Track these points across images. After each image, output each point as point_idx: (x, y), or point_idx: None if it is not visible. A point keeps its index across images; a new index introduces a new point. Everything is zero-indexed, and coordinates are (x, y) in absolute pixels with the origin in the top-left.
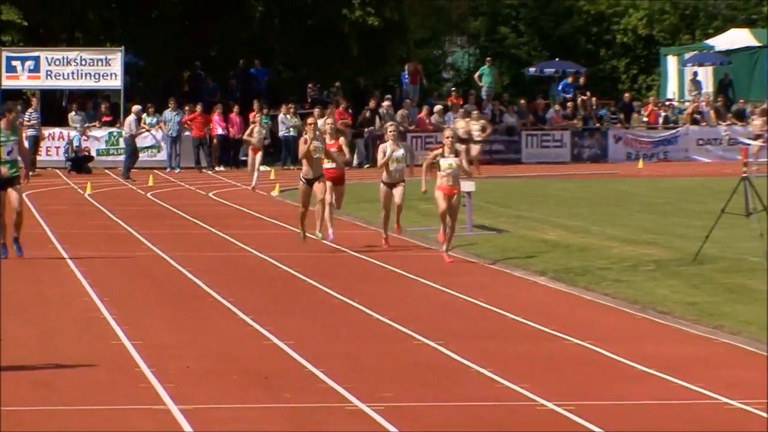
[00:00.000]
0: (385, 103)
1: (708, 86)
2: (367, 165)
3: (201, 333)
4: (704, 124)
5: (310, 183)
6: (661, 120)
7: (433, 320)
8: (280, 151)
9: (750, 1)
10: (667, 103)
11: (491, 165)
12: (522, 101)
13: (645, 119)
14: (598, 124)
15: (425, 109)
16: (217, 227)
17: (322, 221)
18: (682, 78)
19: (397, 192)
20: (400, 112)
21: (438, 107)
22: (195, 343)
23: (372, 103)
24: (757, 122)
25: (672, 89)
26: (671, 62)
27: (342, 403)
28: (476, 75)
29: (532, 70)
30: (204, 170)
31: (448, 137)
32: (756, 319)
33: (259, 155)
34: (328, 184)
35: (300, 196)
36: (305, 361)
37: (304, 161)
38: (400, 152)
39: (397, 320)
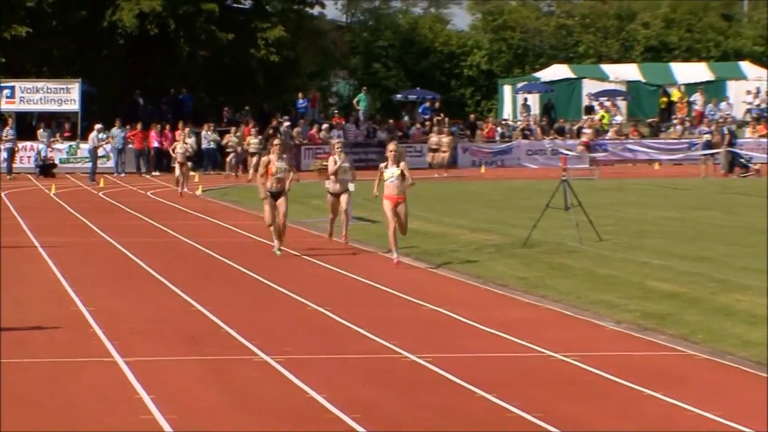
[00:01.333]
0: (285, 123)
1: (535, 109)
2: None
3: (141, 301)
4: (532, 138)
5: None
6: (498, 135)
7: (323, 292)
8: (202, 160)
9: (568, 41)
10: (503, 122)
11: (366, 170)
12: (390, 121)
13: (485, 134)
14: (451, 137)
15: (315, 127)
16: (154, 219)
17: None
18: (515, 102)
19: (343, 198)
20: (296, 129)
21: (325, 125)
22: (136, 309)
23: (274, 122)
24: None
25: (507, 111)
26: (507, 90)
27: (251, 356)
28: (355, 101)
29: (398, 96)
30: (143, 175)
31: (391, 150)
32: (573, 290)
33: (183, 167)
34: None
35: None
36: (222, 323)
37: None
38: (347, 164)
39: (295, 291)
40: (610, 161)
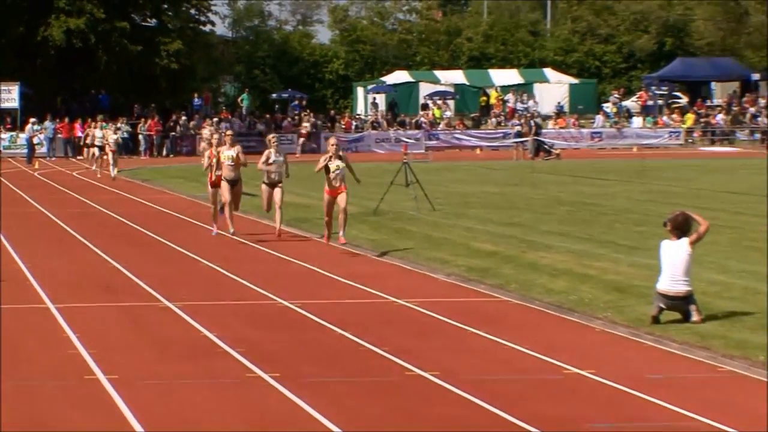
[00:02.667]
0: (183, 118)
1: (382, 106)
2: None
3: (69, 260)
4: (380, 129)
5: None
6: (353, 127)
7: (214, 252)
8: (119, 147)
9: (408, 52)
10: (357, 116)
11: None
12: (267, 115)
13: (343, 126)
14: (315, 129)
15: (207, 120)
16: (78, 193)
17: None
18: (366, 101)
19: (277, 192)
20: (192, 122)
21: (215, 119)
22: (65, 266)
23: (174, 117)
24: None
25: (360, 108)
26: (359, 91)
27: (156, 303)
28: (239, 99)
29: (274, 95)
30: (70, 159)
31: (333, 144)
32: (412, 249)
33: (96, 151)
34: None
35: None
36: (133, 276)
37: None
38: (281, 158)
39: (191, 251)
40: (441, 147)
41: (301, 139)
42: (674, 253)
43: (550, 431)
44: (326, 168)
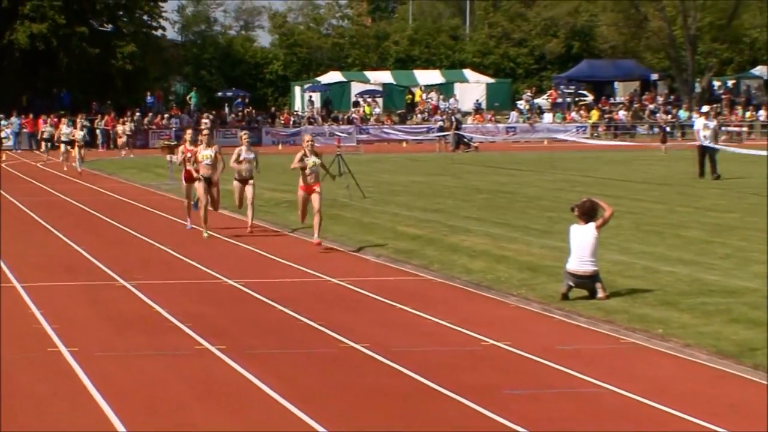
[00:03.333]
0: (137, 114)
1: (317, 103)
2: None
3: (34, 243)
4: (315, 124)
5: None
6: (291, 122)
7: (166, 236)
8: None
9: (341, 54)
10: (295, 113)
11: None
12: (213, 111)
13: (282, 121)
14: (256, 124)
15: (159, 116)
16: (41, 183)
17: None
18: (303, 99)
19: (248, 189)
20: (146, 119)
21: (167, 115)
22: (30, 248)
23: (128, 113)
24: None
25: (297, 105)
26: (297, 90)
27: (113, 282)
28: (188, 97)
29: (219, 93)
30: (35, 152)
31: (307, 141)
32: (345, 233)
33: (66, 147)
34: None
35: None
36: (92, 258)
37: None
38: (251, 155)
39: (145, 235)
40: (371, 141)
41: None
42: (582, 237)
43: (471, 398)
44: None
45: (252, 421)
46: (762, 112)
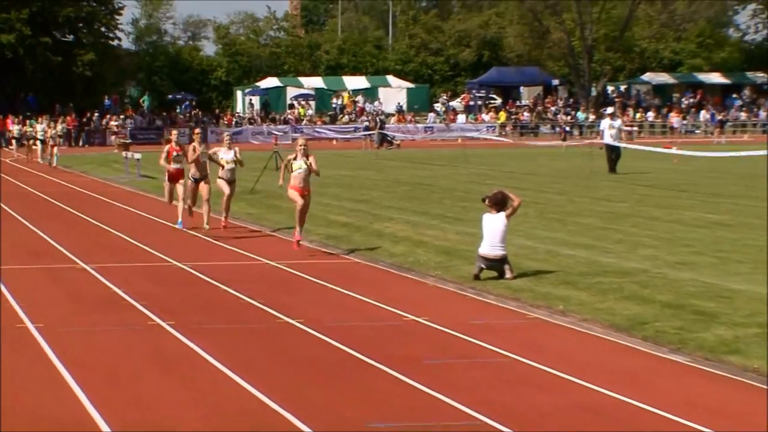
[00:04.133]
0: (96, 115)
1: (257, 106)
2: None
3: (3, 231)
4: (255, 124)
5: (197, 182)
6: (234, 123)
7: (122, 224)
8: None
9: (278, 62)
10: (237, 114)
11: (148, 145)
12: (164, 113)
13: (226, 122)
14: (203, 124)
15: (115, 117)
16: (12, 177)
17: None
18: (244, 102)
19: (230, 188)
20: (103, 120)
21: (122, 116)
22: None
23: (88, 114)
24: None
25: (239, 107)
26: (239, 94)
27: (74, 265)
28: (141, 100)
29: (170, 97)
30: (3, 149)
31: (301, 145)
32: (282, 221)
33: (38, 143)
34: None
35: (188, 191)
36: (55, 243)
37: (192, 165)
38: (230, 155)
39: (103, 223)
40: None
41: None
42: (493, 224)
43: (395, 367)
44: (290, 167)
45: (200, 389)
46: (650, 114)
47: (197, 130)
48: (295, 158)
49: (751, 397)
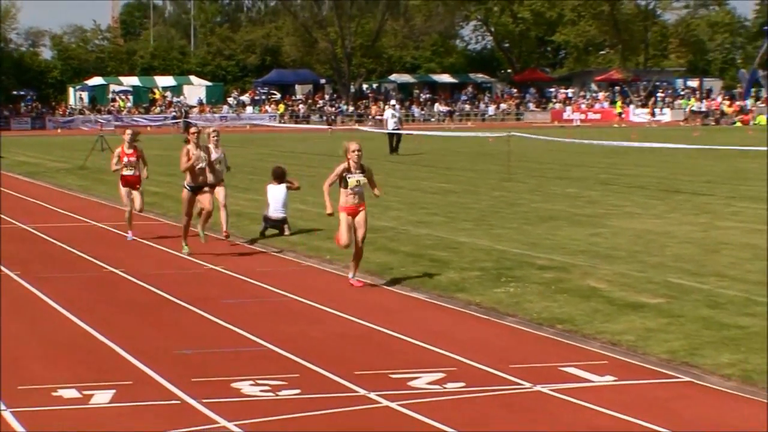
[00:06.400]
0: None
1: (86, 100)
2: None
3: None
4: (85, 114)
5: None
6: (68, 113)
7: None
8: None
9: (102, 64)
10: (70, 106)
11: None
12: (11, 106)
13: (61, 113)
14: (42, 114)
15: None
16: None
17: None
18: (75, 96)
19: (220, 191)
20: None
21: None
22: None
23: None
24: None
25: (72, 101)
26: (71, 90)
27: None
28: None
29: (14, 92)
30: None
31: (354, 151)
32: (107, 191)
33: None
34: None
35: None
36: None
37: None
38: (217, 155)
39: (39, 231)
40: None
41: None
42: (276, 193)
43: (198, 306)
44: (343, 182)
45: (42, 327)
46: (397, 106)
47: (192, 130)
48: (348, 170)
49: (475, 324)
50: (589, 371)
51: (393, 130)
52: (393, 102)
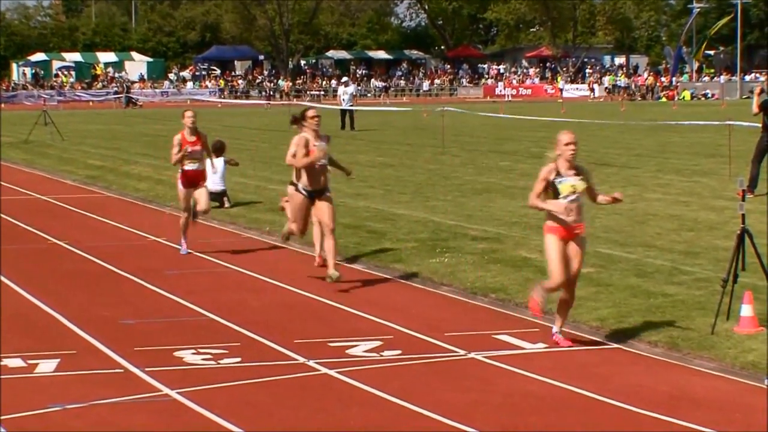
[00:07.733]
0: None
1: (29, 76)
2: None
3: None
4: (28, 90)
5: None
6: (11, 88)
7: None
8: None
9: (45, 40)
10: (13, 81)
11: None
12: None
13: (5, 88)
14: None
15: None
16: None
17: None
18: (19, 72)
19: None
20: None
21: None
22: None
23: None
24: None
25: (15, 76)
26: (14, 66)
27: None
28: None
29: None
30: None
31: (568, 144)
32: (50, 165)
33: None
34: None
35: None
36: None
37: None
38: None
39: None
40: (68, 101)
41: None
42: (215, 166)
43: (142, 276)
44: (554, 189)
45: None
46: (350, 83)
47: (311, 113)
48: (558, 173)
49: (412, 293)
50: (521, 339)
51: (346, 106)
52: (345, 79)
